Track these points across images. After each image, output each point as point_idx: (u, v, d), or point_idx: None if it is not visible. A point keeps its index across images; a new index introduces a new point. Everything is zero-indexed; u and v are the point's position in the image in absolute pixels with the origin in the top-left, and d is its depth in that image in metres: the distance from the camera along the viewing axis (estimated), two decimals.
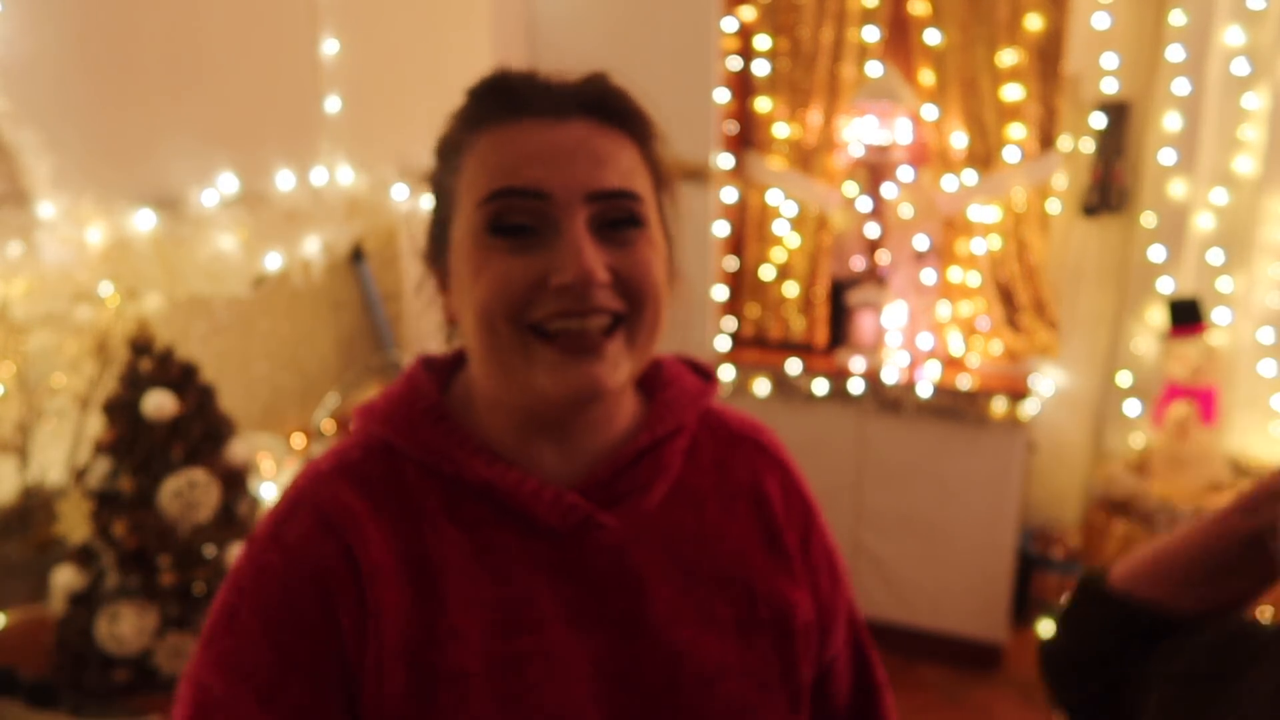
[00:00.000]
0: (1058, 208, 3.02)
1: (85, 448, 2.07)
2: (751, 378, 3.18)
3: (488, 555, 0.74)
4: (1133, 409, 2.97)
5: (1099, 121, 2.95)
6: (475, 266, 0.72)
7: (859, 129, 3.04)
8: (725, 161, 3.19)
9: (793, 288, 3.27)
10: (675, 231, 0.80)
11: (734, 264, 3.36)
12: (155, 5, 2.10)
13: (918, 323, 3.16)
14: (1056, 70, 2.89)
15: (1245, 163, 2.76)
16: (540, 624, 0.73)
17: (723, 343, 3.29)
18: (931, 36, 2.97)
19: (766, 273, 3.31)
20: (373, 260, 3.06)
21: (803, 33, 3.10)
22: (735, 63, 3.20)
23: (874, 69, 3.03)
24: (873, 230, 3.17)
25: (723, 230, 3.26)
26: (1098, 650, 0.83)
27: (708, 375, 0.87)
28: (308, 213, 2.40)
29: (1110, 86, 2.93)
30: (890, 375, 3.03)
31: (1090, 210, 3.03)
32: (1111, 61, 2.91)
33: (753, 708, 0.76)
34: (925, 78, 3.02)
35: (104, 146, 2.02)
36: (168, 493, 1.92)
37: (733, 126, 3.25)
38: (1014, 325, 3.10)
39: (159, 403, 1.92)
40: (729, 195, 3.25)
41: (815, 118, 3.15)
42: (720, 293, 3.30)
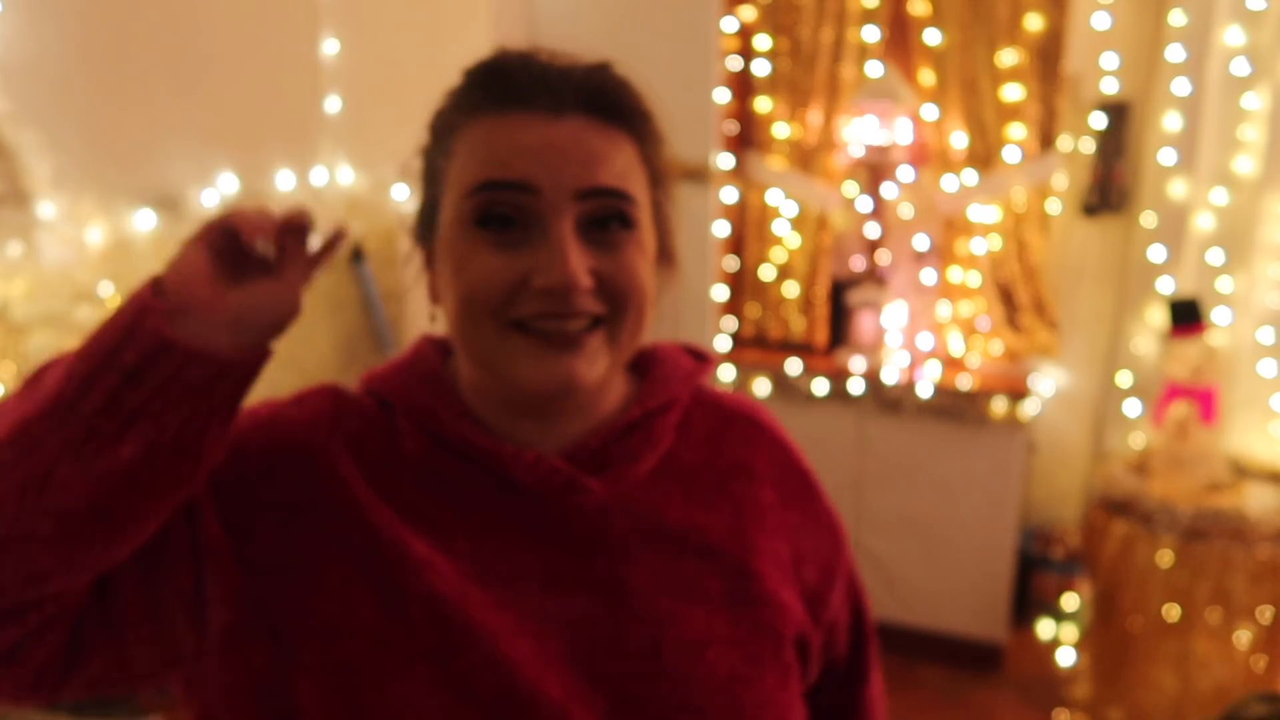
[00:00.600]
0: (1058, 208, 3.01)
1: None
2: (751, 378, 3.18)
3: (466, 511, 0.75)
4: (1133, 409, 2.97)
5: (1099, 121, 2.95)
6: (459, 257, 0.72)
7: (859, 129, 3.04)
8: (725, 161, 3.19)
9: (793, 288, 3.28)
10: (674, 228, 0.80)
11: (734, 264, 3.36)
12: (155, 5, 2.10)
13: (918, 323, 3.17)
14: (1056, 70, 2.89)
15: (1245, 163, 2.76)
16: (513, 580, 0.73)
17: (723, 343, 3.29)
18: (931, 36, 2.97)
19: (766, 273, 3.31)
20: (373, 260, 3.05)
21: (803, 33, 3.10)
22: (735, 63, 3.20)
23: (874, 69, 3.03)
24: (873, 230, 3.17)
25: (723, 230, 3.26)
26: None
27: (702, 356, 0.88)
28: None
29: (1110, 86, 2.93)
30: (890, 375, 3.03)
31: (1090, 210, 3.03)
32: (1111, 61, 2.91)
33: (742, 677, 0.76)
34: (925, 78, 3.02)
35: (104, 146, 2.02)
36: None
37: (733, 126, 3.25)
38: (1014, 325, 3.11)
39: None
40: (729, 195, 3.25)
41: (815, 118, 3.15)
42: (720, 293, 3.30)
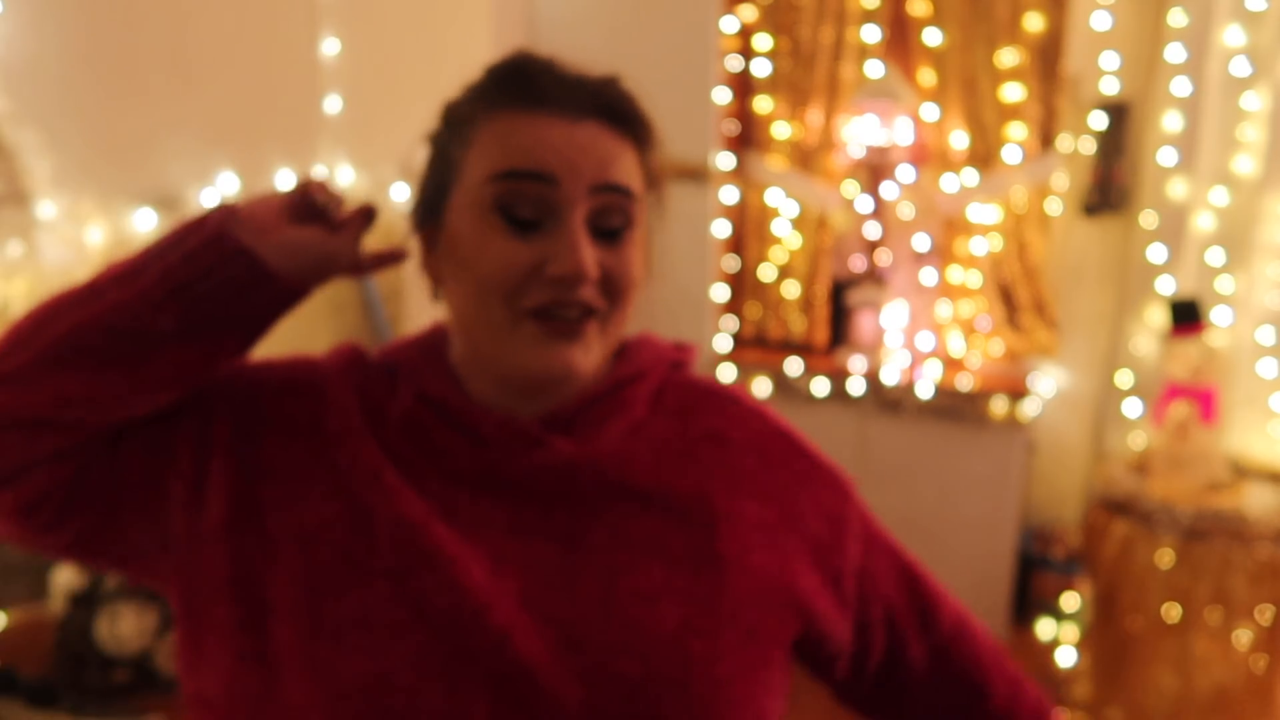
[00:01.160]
0: (1058, 208, 3.01)
1: None
2: (751, 378, 3.18)
3: (441, 461, 0.80)
4: (1133, 409, 2.97)
5: (1099, 121, 2.95)
6: (477, 242, 0.77)
7: (859, 129, 3.04)
8: (725, 161, 3.19)
9: (793, 288, 3.27)
10: (662, 233, 0.87)
11: (734, 264, 3.36)
12: (156, 5, 2.10)
13: (918, 323, 3.16)
14: (1056, 70, 2.89)
15: (1245, 163, 2.75)
16: (478, 525, 0.78)
17: (723, 343, 3.29)
18: (931, 36, 2.97)
19: (766, 273, 3.31)
20: None
21: (803, 33, 3.10)
22: (735, 63, 3.20)
23: (874, 69, 3.03)
24: (873, 230, 3.17)
25: (723, 230, 3.26)
26: None
27: (684, 347, 0.93)
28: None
29: (1110, 86, 2.93)
30: (890, 375, 3.03)
31: (1090, 210, 3.03)
32: (1111, 61, 2.91)
33: (695, 630, 0.76)
34: (925, 78, 3.03)
35: (104, 146, 2.02)
36: None
37: (733, 126, 3.25)
38: (1014, 325, 3.10)
39: None
40: (729, 195, 3.24)
41: (815, 118, 3.15)
42: (720, 293, 3.30)
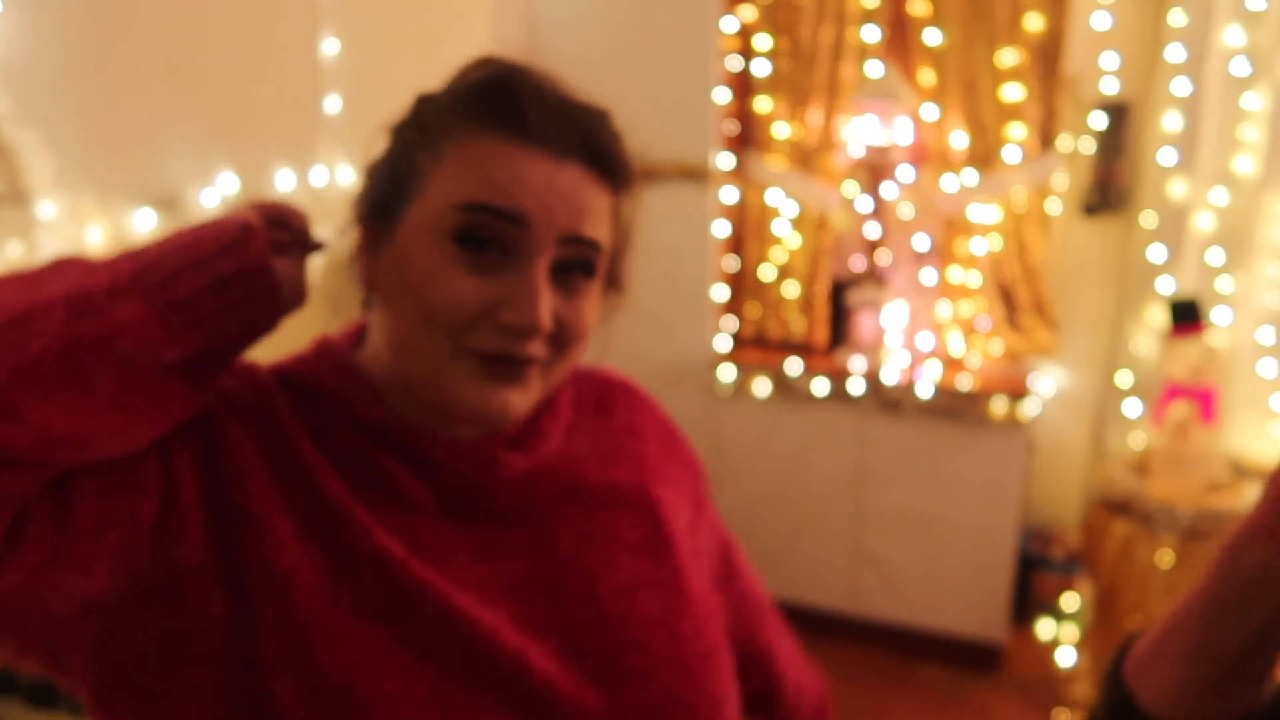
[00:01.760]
0: (1058, 208, 3.02)
1: None
2: (751, 378, 3.18)
3: (390, 492, 0.75)
4: (1133, 409, 2.97)
5: (1099, 121, 2.95)
6: (430, 268, 0.71)
7: (859, 129, 3.04)
8: (725, 161, 3.19)
9: (793, 288, 3.27)
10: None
11: (734, 264, 3.36)
12: (155, 5, 2.10)
13: (918, 323, 3.17)
14: (1056, 70, 2.89)
15: (1245, 163, 2.75)
16: (445, 556, 0.75)
17: (723, 343, 3.29)
18: (931, 36, 2.97)
19: (766, 273, 3.31)
20: None
21: (803, 33, 3.10)
22: (735, 63, 3.20)
23: (874, 69, 3.03)
24: (873, 230, 3.17)
25: (723, 230, 3.26)
26: None
27: None
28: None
29: (1110, 86, 2.93)
30: (890, 375, 3.03)
31: (1090, 210, 3.03)
32: (1111, 61, 2.91)
33: (676, 612, 0.82)
34: (925, 78, 3.03)
35: (104, 146, 2.02)
36: None
37: (733, 126, 3.25)
38: (1014, 325, 3.11)
39: None
40: (729, 195, 3.24)
41: (815, 118, 3.15)
42: (720, 293, 3.30)
